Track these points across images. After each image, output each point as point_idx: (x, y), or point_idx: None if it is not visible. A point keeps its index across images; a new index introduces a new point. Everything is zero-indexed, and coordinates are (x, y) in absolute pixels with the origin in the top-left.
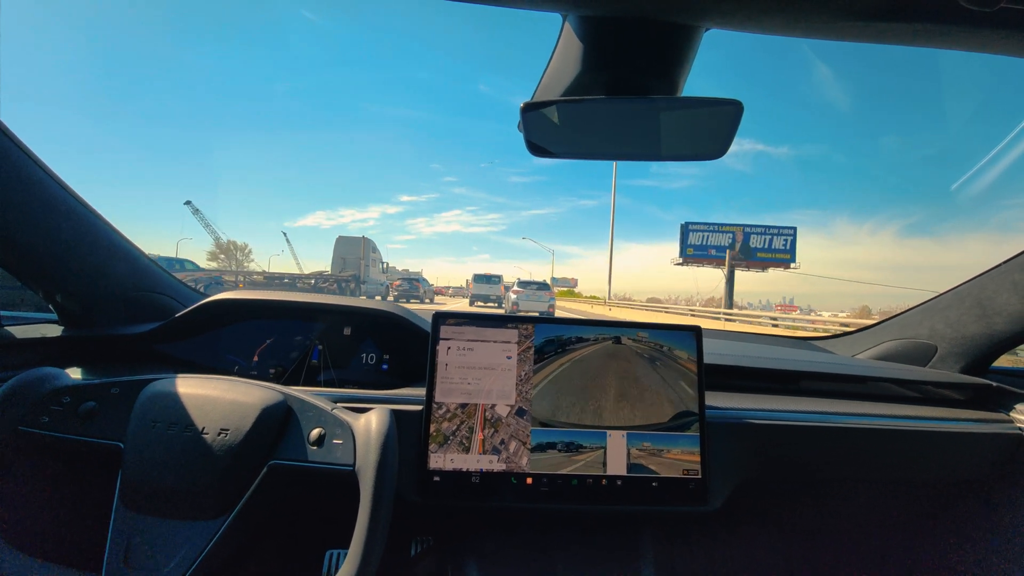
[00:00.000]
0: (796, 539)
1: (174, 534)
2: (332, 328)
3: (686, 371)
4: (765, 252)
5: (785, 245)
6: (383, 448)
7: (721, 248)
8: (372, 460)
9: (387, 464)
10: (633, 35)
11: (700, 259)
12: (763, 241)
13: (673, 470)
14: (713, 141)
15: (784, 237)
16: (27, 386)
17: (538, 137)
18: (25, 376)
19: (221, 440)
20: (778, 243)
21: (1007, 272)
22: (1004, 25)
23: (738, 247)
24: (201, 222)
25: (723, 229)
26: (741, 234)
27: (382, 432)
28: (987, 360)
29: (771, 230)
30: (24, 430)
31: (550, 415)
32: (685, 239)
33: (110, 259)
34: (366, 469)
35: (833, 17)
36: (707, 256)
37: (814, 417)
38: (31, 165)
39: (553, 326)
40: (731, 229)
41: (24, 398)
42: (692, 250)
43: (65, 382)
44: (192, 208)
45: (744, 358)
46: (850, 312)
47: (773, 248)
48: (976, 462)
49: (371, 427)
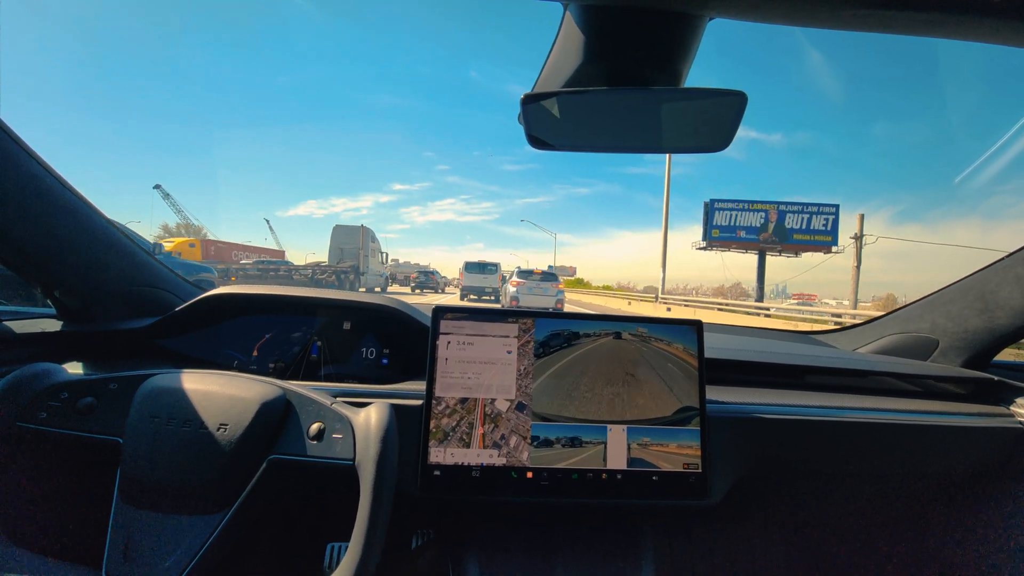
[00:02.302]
0: (796, 533)
1: (174, 529)
2: (332, 322)
3: (687, 365)
4: (803, 233)
5: (826, 225)
6: (383, 442)
7: (752, 229)
8: (372, 455)
9: (387, 458)
10: (635, 24)
11: (727, 242)
12: (800, 221)
13: (673, 464)
14: (716, 133)
15: (825, 216)
16: (24, 382)
17: (539, 130)
18: (22, 372)
19: (220, 435)
20: (818, 223)
21: (1009, 266)
22: (1018, 15)
23: (771, 228)
24: (172, 207)
25: (754, 207)
26: (775, 212)
27: (382, 427)
28: (989, 354)
29: (809, 208)
30: (22, 426)
31: (550, 409)
32: (710, 219)
33: (108, 254)
34: (366, 463)
35: (840, 6)
36: (735, 239)
37: (815, 411)
38: (27, 160)
39: (553, 320)
40: (763, 207)
41: (21, 394)
42: (718, 232)
43: (63, 377)
44: (162, 193)
45: (745, 352)
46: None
47: (812, 228)
48: (977, 456)
49: (371, 421)
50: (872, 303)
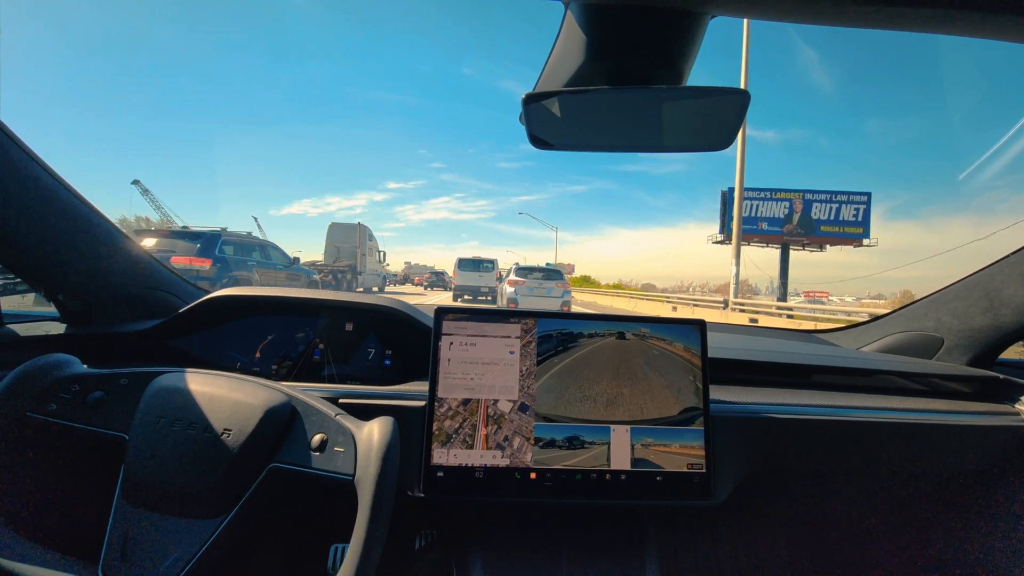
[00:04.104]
0: (801, 532)
1: (172, 531)
2: (334, 324)
3: (690, 365)
4: (831, 224)
5: (856, 216)
6: (383, 461)
7: (775, 220)
8: (372, 472)
9: (386, 476)
10: (637, 23)
11: (747, 235)
12: (828, 211)
13: (677, 464)
14: (718, 131)
15: (855, 205)
16: (37, 372)
17: (540, 130)
18: (35, 362)
19: (224, 440)
20: (847, 213)
21: (1015, 263)
22: (1018, 10)
23: (796, 219)
24: (151, 203)
25: (777, 196)
26: (800, 202)
27: (384, 444)
28: (994, 352)
29: (838, 197)
30: (32, 416)
31: (553, 410)
32: (728, 209)
33: (111, 256)
34: (365, 480)
35: (842, 2)
36: (756, 231)
37: (819, 411)
38: (29, 162)
39: (556, 320)
40: (788, 196)
41: (33, 384)
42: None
43: (75, 370)
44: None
45: (749, 352)
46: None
47: (841, 219)
48: (982, 455)
49: (373, 438)
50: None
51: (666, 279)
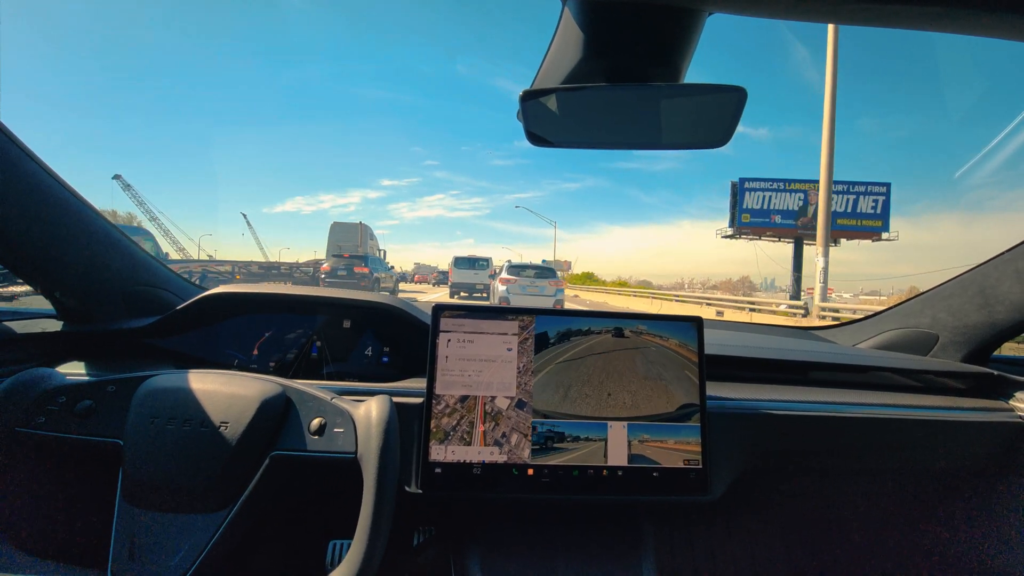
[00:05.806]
0: (796, 528)
1: (178, 528)
2: (332, 321)
3: (687, 362)
4: (848, 217)
5: (875, 208)
6: (384, 435)
7: (789, 213)
8: (374, 447)
9: (389, 450)
10: (635, 20)
11: (759, 228)
12: (845, 202)
13: (674, 460)
14: (716, 128)
15: (874, 197)
16: (21, 388)
17: (538, 127)
18: (18, 378)
19: (221, 433)
20: (865, 204)
21: (1010, 261)
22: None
23: (811, 211)
24: (133, 199)
25: (791, 187)
26: (815, 194)
27: (383, 419)
28: (988, 349)
29: (855, 188)
30: (21, 431)
31: (551, 407)
32: (740, 202)
33: (107, 254)
34: (368, 456)
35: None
36: (769, 224)
37: (815, 407)
38: (25, 160)
39: (553, 317)
40: (802, 187)
41: (19, 400)
42: (749, 216)
43: (59, 382)
44: (122, 183)
45: (745, 348)
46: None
47: (859, 212)
48: (977, 451)
49: (371, 415)
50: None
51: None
